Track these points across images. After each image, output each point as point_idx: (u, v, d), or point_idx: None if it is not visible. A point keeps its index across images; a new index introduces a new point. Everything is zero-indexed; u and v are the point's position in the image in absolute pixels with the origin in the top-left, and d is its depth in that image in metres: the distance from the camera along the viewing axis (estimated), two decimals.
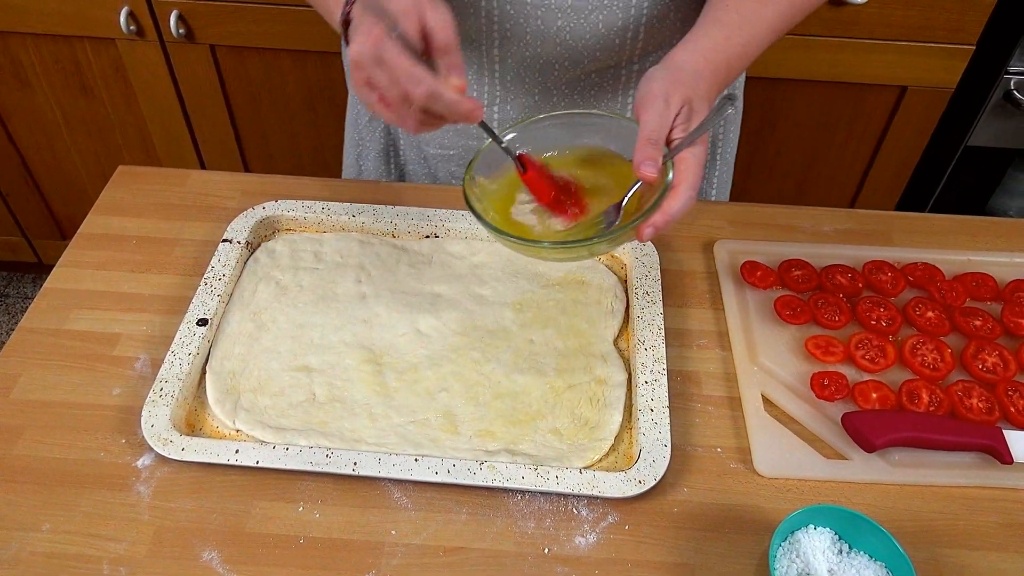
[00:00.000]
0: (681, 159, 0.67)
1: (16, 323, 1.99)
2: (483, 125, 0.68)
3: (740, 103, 1.08)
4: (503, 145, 0.71)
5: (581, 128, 0.76)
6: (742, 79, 1.05)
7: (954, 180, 1.69)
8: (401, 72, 0.61)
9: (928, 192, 1.75)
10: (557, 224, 0.73)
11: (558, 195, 0.72)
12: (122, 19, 1.49)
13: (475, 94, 0.94)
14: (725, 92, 0.73)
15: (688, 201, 0.66)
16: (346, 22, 0.66)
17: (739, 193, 1.76)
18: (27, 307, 1.04)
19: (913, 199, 1.78)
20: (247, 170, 1.78)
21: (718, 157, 1.08)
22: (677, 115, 0.68)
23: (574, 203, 0.73)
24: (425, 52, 0.64)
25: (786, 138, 1.67)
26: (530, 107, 0.93)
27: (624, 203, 0.70)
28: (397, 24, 0.62)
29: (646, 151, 0.65)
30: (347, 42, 0.65)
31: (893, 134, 1.62)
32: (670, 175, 0.67)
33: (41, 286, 0.87)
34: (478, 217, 0.69)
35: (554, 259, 0.80)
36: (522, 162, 0.71)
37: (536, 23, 0.85)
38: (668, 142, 0.68)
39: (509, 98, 0.93)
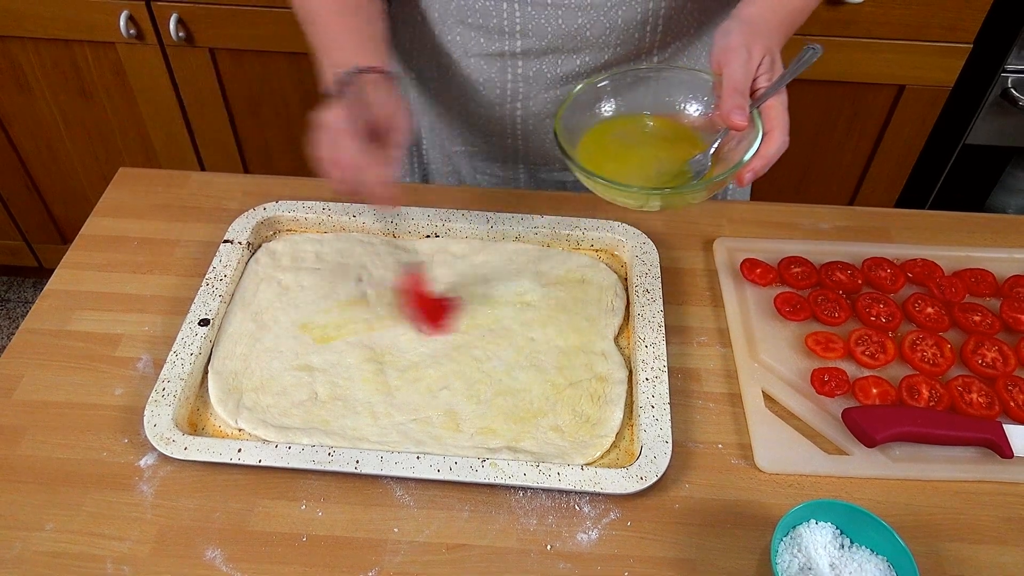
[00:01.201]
0: (769, 107, 0.70)
1: (16, 327, 1.99)
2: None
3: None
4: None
5: (658, 83, 0.79)
6: None
7: (953, 178, 1.70)
8: (346, 146, 0.70)
9: (927, 190, 1.75)
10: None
11: (430, 311, 0.82)
12: (121, 23, 1.49)
13: (498, 92, 0.95)
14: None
15: (783, 145, 0.69)
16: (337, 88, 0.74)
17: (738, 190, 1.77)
18: (27, 312, 1.04)
19: (912, 197, 1.78)
20: (247, 172, 1.79)
21: None
22: (759, 65, 0.69)
23: (441, 320, 0.83)
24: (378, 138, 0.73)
25: None
26: (553, 102, 0.94)
27: (711, 152, 0.72)
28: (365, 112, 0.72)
29: (735, 99, 0.67)
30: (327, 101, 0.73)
31: (892, 132, 1.63)
32: (758, 123, 0.69)
33: (41, 290, 0.87)
34: (570, 159, 0.70)
35: (651, 206, 0.81)
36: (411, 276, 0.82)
37: (557, 22, 0.86)
38: (752, 92, 0.70)
39: (532, 94, 0.94)
